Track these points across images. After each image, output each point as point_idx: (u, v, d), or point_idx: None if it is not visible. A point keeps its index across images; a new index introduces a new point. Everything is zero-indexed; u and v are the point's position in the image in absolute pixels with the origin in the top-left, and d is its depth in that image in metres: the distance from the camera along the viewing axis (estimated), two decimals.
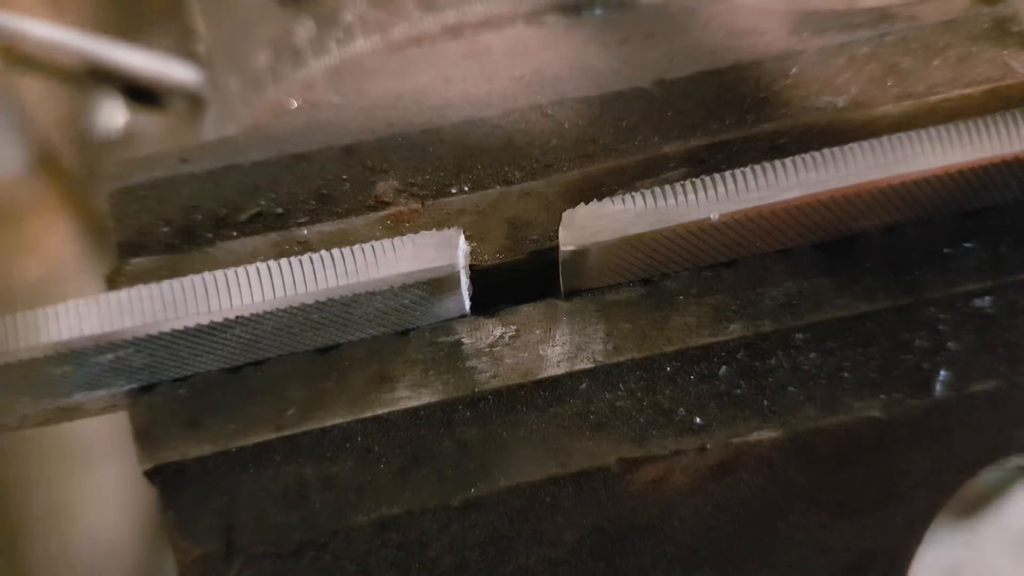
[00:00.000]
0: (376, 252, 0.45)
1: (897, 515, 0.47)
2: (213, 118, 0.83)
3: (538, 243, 0.50)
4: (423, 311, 0.48)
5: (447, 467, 0.47)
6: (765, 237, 0.48)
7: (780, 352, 0.48)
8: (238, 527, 0.46)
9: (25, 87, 0.95)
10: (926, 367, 0.48)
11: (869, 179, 0.45)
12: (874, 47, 0.52)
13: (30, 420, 0.49)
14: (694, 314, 0.49)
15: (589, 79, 0.54)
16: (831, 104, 0.51)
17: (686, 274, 0.49)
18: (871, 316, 0.48)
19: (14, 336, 0.43)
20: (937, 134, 0.46)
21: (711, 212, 0.45)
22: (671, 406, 0.48)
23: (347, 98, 0.57)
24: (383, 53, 0.63)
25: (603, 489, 0.47)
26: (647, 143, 0.52)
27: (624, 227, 0.46)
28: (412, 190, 0.52)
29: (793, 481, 0.47)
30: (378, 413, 0.47)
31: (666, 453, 0.47)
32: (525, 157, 0.52)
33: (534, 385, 0.48)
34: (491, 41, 0.58)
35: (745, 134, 0.51)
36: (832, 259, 0.49)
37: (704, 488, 0.47)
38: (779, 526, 0.47)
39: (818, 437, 0.47)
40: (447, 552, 0.46)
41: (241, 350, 0.47)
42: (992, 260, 0.49)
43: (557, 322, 0.49)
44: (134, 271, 0.49)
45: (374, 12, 0.64)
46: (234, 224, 0.51)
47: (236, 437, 0.47)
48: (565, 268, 0.48)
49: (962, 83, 0.51)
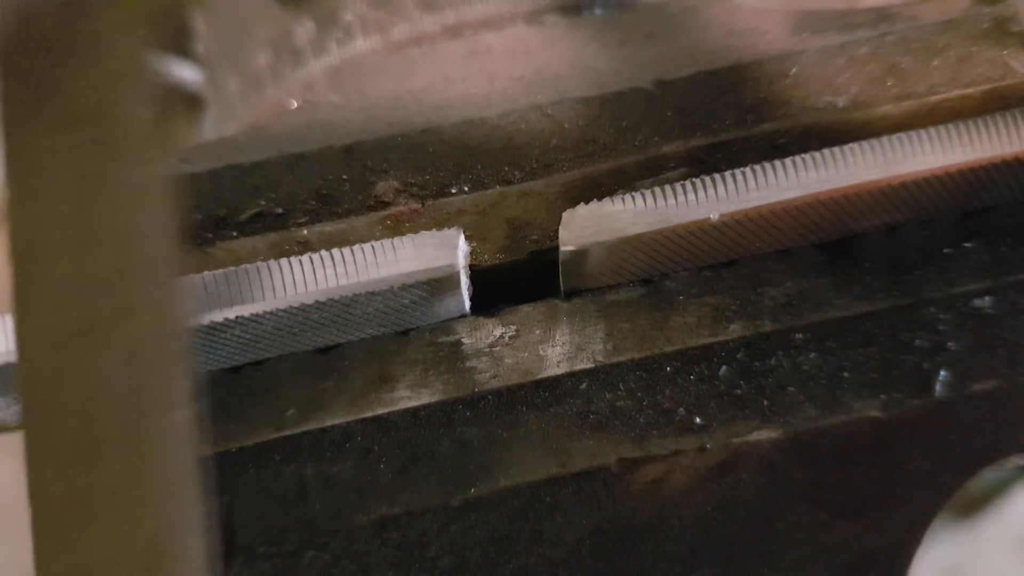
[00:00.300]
0: (376, 252, 0.45)
1: (897, 515, 0.47)
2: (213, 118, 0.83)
3: (538, 243, 0.50)
4: (423, 311, 0.48)
5: (447, 467, 0.47)
6: (765, 237, 0.48)
7: (780, 352, 0.48)
8: (238, 527, 0.46)
9: None
10: (926, 367, 0.48)
11: (869, 179, 0.45)
12: (874, 47, 0.52)
13: None
14: (694, 314, 0.49)
15: (589, 79, 0.54)
16: (831, 104, 0.51)
17: (686, 274, 0.49)
18: (871, 316, 0.48)
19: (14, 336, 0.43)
20: (937, 134, 0.46)
21: (711, 212, 0.45)
22: (671, 406, 0.48)
23: (347, 98, 0.57)
24: (383, 53, 0.63)
25: (603, 489, 0.47)
26: (647, 143, 0.52)
27: (624, 227, 0.46)
28: (412, 190, 0.52)
29: (793, 481, 0.47)
30: (378, 413, 0.47)
31: (666, 453, 0.47)
32: (525, 157, 0.52)
33: (534, 385, 0.48)
34: (491, 41, 0.58)
35: (745, 134, 0.51)
36: (832, 259, 0.49)
37: (704, 488, 0.47)
38: (779, 526, 0.47)
39: (818, 437, 0.47)
40: (447, 552, 0.46)
41: (241, 350, 0.47)
42: (992, 260, 0.49)
43: (557, 322, 0.49)
44: None
45: (374, 12, 0.64)
46: (234, 224, 0.51)
47: (236, 437, 0.47)
48: (565, 268, 0.48)
49: (962, 83, 0.51)
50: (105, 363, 0.34)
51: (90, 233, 0.34)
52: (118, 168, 0.35)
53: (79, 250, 0.34)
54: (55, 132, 0.35)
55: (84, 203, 0.35)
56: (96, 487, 0.33)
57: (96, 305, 0.34)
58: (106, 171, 0.35)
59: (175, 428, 0.34)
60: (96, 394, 0.34)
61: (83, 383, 0.34)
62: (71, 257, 0.34)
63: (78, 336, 0.34)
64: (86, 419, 0.34)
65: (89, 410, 0.34)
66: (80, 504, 0.33)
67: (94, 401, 0.34)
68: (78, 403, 0.34)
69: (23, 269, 0.35)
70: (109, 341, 0.34)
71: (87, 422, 0.34)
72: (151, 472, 0.33)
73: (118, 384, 0.34)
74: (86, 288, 0.34)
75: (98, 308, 0.34)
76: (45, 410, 0.34)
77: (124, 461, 0.33)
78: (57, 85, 0.35)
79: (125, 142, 0.35)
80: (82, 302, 0.34)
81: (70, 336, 0.34)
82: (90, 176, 0.35)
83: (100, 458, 0.33)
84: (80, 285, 0.34)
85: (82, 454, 0.33)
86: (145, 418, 0.34)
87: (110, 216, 0.34)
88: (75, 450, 0.34)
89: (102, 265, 0.34)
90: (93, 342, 0.34)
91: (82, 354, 0.34)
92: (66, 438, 0.34)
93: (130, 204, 0.35)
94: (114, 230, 0.34)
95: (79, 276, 0.34)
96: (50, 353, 0.34)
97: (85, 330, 0.34)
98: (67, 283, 0.34)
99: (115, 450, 0.33)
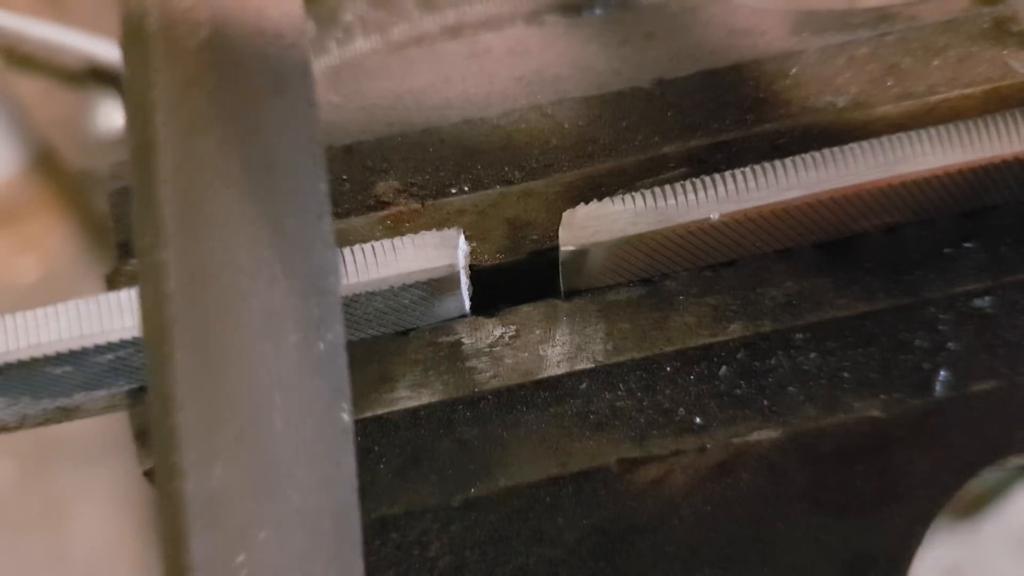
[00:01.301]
0: (376, 252, 0.45)
1: (897, 515, 0.47)
2: None
3: (538, 243, 0.50)
4: (423, 311, 0.48)
5: (447, 467, 0.47)
6: (765, 237, 0.48)
7: (780, 352, 0.48)
8: None
9: (25, 87, 0.95)
10: (926, 367, 0.48)
11: (869, 179, 0.45)
12: (874, 47, 0.52)
13: (30, 420, 0.49)
14: (694, 314, 0.49)
15: (589, 79, 0.54)
16: (831, 104, 0.51)
17: (686, 274, 0.49)
18: (871, 316, 0.48)
19: (14, 336, 0.43)
20: (937, 134, 0.46)
21: (711, 212, 0.45)
22: (671, 406, 0.48)
23: (347, 98, 0.57)
24: (383, 53, 0.62)
25: (603, 489, 0.47)
26: (647, 143, 0.52)
27: (624, 227, 0.46)
28: (412, 190, 0.52)
29: (793, 481, 0.47)
30: (378, 413, 0.47)
31: (666, 453, 0.47)
32: (525, 157, 0.52)
33: (534, 385, 0.48)
34: (491, 41, 0.58)
35: (745, 134, 0.51)
36: (832, 259, 0.49)
37: (704, 488, 0.47)
38: (779, 526, 0.47)
39: (818, 437, 0.47)
40: (447, 552, 0.46)
41: None
42: (992, 260, 0.49)
43: (557, 322, 0.49)
44: (134, 271, 0.49)
45: (374, 12, 0.64)
46: None
47: None
48: (565, 268, 0.48)
49: (962, 83, 0.51)
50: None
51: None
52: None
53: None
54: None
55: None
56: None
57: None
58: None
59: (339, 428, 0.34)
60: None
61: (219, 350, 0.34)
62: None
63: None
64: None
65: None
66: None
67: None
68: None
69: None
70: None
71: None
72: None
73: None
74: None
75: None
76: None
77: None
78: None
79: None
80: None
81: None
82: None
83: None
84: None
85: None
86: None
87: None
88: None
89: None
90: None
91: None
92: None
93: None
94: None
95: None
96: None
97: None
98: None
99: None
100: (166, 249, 0.34)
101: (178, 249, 0.34)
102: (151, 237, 0.35)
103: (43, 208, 1.06)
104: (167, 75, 0.36)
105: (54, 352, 0.43)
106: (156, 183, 0.35)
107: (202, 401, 0.33)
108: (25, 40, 0.90)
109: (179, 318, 0.33)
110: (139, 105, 0.36)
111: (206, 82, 0.36)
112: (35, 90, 0.94)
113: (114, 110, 0.93)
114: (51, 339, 0.43)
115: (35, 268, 1.05)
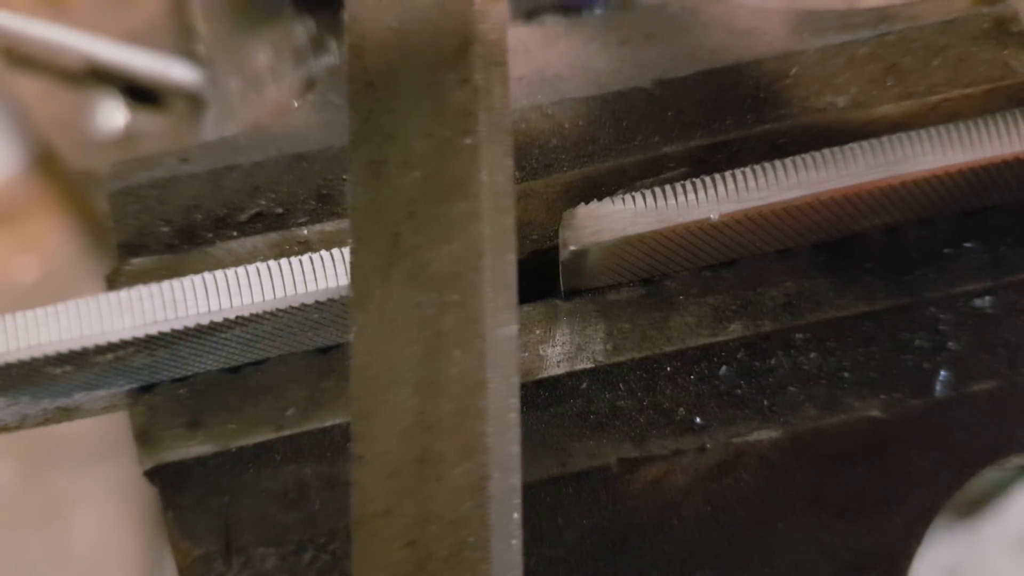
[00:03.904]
0: None
1: (897, 515, 0.47)
2: (213, 118, 0.83)
3: (538, 243, 0.50)
4: None
5: None
6: (765, 237, 0.48)
7: (780, 352, 0.48)
8: (238, 527, 0.46)
9: (25, 87, 0.95)
10: (926, 367, 0.48)
11: (869, 179, 0.45)
12: (874, 47, 0.52)
13: (30, 420, 0.49)
14: (694, 314, 0.49)
15: (589, 79, 0.54)
16: (831, 104, 0.51)
17: (686, 274, 0.49)
18: (871, 316, 0.48)
19: (14, 336, 0.43)
20: (937, 134, 0.46)
21: (711, 212, 0.45)
22: (671, 406, 0.48)
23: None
24: None
25: (603, 489, 0.47)
26: (647, 143, 0.52)
27: (624, 227, 0.46)
28: None
29: (793, 481, 0.47)
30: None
31: (666, 453, 0.47)
32: (525, 157, 0.52)
33: (534, 385, 0.48)
34: None
35: (745, 134, 0.51)
36: (832, 259, 0.49)
37: (704, 488, 0.47)
38: (779, 526, 0.47)
39: (818, 437, 0.47)
40: None
41: (241, 350, 0.47)
42: (992, 260, 0.49)
43: (557, 322, 0.49)
44: (134, 271, 0.49)
45: None
46: (234, 224, 0.50)
47: (236, 437, 0.47)
48: (565, 268, 0.48)
49: (962, 83, 0.51)
50: (443, 493, 0.36)
51: (435, 380, 0.36)
52: (468, 329, 0.36)
53: (423, 392, 0.36)
54: (405, 287, 0.37)
55: (431, 353, 0.36)
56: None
57: (437, 440, 0.36)
58: (456, 330, 0.36)
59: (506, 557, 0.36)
60: (429, 519, 0.36)
61: (417, 507, 0.36)
62: (414, 398, 0.36)
63: (417, 464, 0.36)
64: (414, 540, 0.36)
65: (420, 533, 0.36)
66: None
67: (426, 525, 0.36)
68: (411, 525, 0.36)
69: (364, 402, 0.37)
70: (449, 475, 0.36)
71: (415, 543, 0.36)
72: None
73: (452, 513, 0.35)
74: (429, 427, 0.36)
75: (439, 444, 0.36)
76: (376, 529, 0.36)
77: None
78: (414, 252, 0.37)
79: (478, 309, 0.36)
80: (424, 437, 0.36)
81: (408, 463, 0.36)
82: (439, 333, 0.36)
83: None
84: (422, 423, 0.36)
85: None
86: (478, 545, 0.35)
87: (457, 369, 0.36)
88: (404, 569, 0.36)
89: (446, 409, 0.36)
90: (434, 472, 0.36)
91: (420, 481, 0.36)
92: (395, 556, 0.36)
93: (478, 361, 0.36)
94: (460, 382, 0.36)
95: (422, 415, 0.36)
96: (386, 479, 0.36)
97: (425, 460, 0.36)
98: (409, 418, 0.36)
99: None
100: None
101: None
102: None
103: (43, 208, 1.06)
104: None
105: (54, 352, 0.43)
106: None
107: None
108: (25, 40, 0.90)
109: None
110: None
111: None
112: (35, 90, 0.94)
113: (114, 110, 0.93)
114: (51, 339, 0.43)
115: (35, 268, 1.05)
